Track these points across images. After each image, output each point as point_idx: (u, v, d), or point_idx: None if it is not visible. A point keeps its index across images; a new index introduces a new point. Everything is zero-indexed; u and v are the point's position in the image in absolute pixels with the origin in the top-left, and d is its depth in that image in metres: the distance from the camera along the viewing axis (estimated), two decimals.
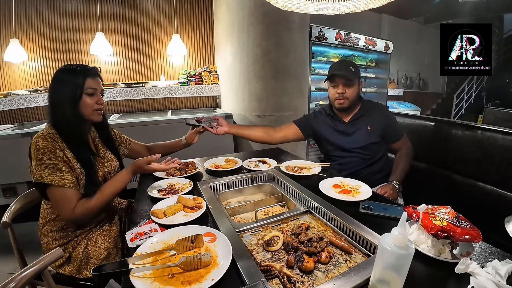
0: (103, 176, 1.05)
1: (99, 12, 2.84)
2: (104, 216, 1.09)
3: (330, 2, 1.06)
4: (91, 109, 0.99)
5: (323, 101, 4.21)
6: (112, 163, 1.13)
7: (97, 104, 1.01)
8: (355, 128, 1.46)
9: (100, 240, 1.01)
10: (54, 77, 0.97)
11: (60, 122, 0.95)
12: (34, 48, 2.71)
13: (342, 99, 1.42)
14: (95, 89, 1.00)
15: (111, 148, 1.18)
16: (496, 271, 0.58)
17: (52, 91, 0.97)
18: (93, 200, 0.93)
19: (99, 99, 1.01)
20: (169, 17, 3.16)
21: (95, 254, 0.98)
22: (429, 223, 0.67)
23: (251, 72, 2.55)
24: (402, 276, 0.52)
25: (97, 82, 1.01)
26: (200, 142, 1.49)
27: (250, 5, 2.40)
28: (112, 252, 1.01)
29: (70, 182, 0.89)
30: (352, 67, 1.41)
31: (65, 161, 0.91)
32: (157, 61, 3.21)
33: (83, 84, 0.96)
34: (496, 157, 1.17)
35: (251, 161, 1.46)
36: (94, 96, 1.00)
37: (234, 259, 0.66)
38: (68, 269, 0.96)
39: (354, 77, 1.40)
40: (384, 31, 5.49)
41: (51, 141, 0.90)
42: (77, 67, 0.99)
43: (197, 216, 0.88)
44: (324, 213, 0.93)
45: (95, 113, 1.01)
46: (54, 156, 0.89)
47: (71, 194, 0.89)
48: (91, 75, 0.99)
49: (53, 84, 0.97)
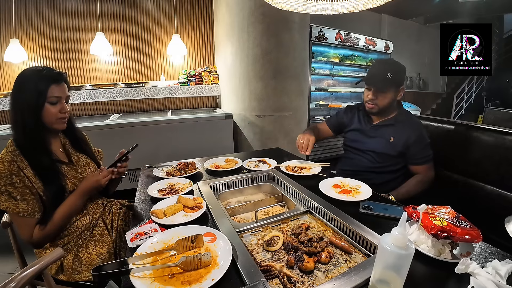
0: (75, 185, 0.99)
1: (99, 12, 2.84)
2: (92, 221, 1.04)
3: (328, 2, 1.06)
4: (54, 118, 0.92)
5: (323, 101, 4.21)
6: (87, 168, 1.07)
7: (61, 113, 0.93)
8: (378, 134, 1.39)
9: (92, 246, 0.98)
10: (16, 81, 0.90)
11: (20, 132, 0.90)
12: (34, 48, 2.71)
13: (372, 104, 1.36)
14: (59, 97, 0.92)
15: (85, 151, 1.12)
16: (496, 271, 0.58)
17: (13, 97, 0.90)
18: (47, 227, 0.90)
19: (63, 108, 0.94)
20: (169, 17, 3.16)
21: (88, 261, 0.95)
22: (429, 223, 0.67)
23: (251, 72, 2.55)
24: (402, 276, 0.52)
25: (61, 89, 0.93)
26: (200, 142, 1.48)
27: (250, 5, 2.40)
28: (106, 258, 0.98)
29: (25, 211, 0.86)
30: (390, 73, 1.29)
31: (21, 186, 0.86)
32: (157, 61, 3.21)
33: (46, 92, 0.89)
34: (496, 157, 1.17)
35: (251, 161, 1.46)
36: (58, 104, 0.92)
37: (234, 259, 0.66)
38: (64, 277, 0.94)
39: (390, 86, 1.30)
40: (384, 31, 5.50)
41: (8, 164, 0.85)
42: (42, 71, 0.91)
43: (197, 216, 0.88)
44: (324, 213, 0.93)
45: (59, 122, 0.95)
46: (10, 183, 0.84)
47: (26, 222, 0.87)
48: (55, 82, 0.91)
49: (14, 89, 0.90)
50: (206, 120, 2.74)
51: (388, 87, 1.30)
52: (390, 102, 1.34)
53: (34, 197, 0.89)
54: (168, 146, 2.57)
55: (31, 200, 0.88)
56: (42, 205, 0.91)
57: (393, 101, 1.35)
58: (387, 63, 1.42)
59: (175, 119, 2.64)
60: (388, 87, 1.30)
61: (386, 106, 1.35)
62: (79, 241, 0.99)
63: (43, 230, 0.89)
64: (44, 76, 0.90)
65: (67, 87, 0.97)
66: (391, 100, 1.34)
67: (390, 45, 4.59)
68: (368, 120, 1.46)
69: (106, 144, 1.48)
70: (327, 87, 4.16)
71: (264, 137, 2.67)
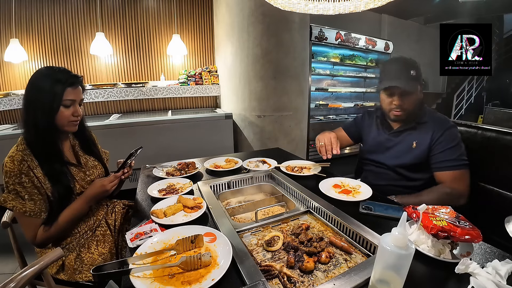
0: (83, 188, 0.99)
1: (99, 12, 2.84)
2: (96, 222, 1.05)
3: (330, 2, 1.06)
4: (66, 121, 0.93)
5: (323, 101, 4.22)
6: (95, 170, 1.08)
7: (73, 116, 0.94)
8: (398, 141, 1.23)
9: (94, 246, 0.99)
10: (31, 81, 0.90)
11: (32, 131, 0.90)
12: (34, 48, 2.71)
13: (400, 110, 1.18)
14: (73, 100, 0.93)
15: (93, 153, 1.12)
16: (496, 271, 0.58)
17: (27, 96, 0.90)
18: (51, 229, 0.90)
19: (76, 111, 0.94)
20: (169, 17, 3.16)
21: (89, 261, 0.95)
22: (429, 223, 0.67)
23: (251, 72, 2.55)
24: (402, 276, 0.52)
25: (76, 93, 0.94)
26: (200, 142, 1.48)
27: (250, 5, 2.40)
28: (107, 258, 0.98)
29: (31, 211, 0.86)
30: (413, 70, 1.14)
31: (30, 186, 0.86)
32: (157, 61, 3.21)
33: (62, 95, 0.89)
34: (496, 157, 1.17)
35: (251, 161, 1.46)
36: (71, 107, 0.93)
37: (234, 259, 0.66)
38: (64, 277, 0.95)
39: (415, 84, 1.15)
40: (384, 31, 5.50)
41: (18, 164, 0.85)
42: (58, 73, 0.91)
43: (197, 216, 0.88)
44: (324, 213, 0.93)
45: (70, 124, 0.95)
46: (19, 182, 0.85)
47: (32, 222, 0.88)
48: (71, 85, 0.91)
49: (29, 88, 0.89)
50: (206, 120, 2.74)
51: (415, 87, 1.15)
52: (417, 103, 1.19)
53: (42, 197, 0.89)
54: (168, 146, 2.57)
55: (38, 200, 0.88)
56: (48, 206, 0.91)
57: (420, 101, 1.20)
58: (404, 61, 1.21)
59: (175, 119, 2.65)
60: (415, 86, 1.15)
61: (414, 108, 1.19)
62: (82, 241, 0.99)
63: (47, 232, 0.89)
64: (60, 78, 0.90)
65: (81, 90, 0.98)
66: (418, 101, 1.19)
67: (390, 45, 4.59)
68: (387, 127, 1.30)
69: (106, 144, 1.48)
70: (327, 87, 4.17)
71: (264, 137, 2.67)
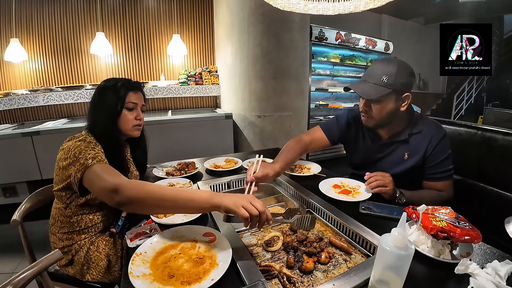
0: None
1: (99, 12, 2.84)
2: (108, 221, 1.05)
3: (330, 2, 1.06)
4: (130, 125, 1.01)
5: (323, 101, 4.22)
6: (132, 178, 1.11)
7: (136, 119, 1.02)
8: (388, 152, 1.14)
9: (102, 245, 0.99)
10: (97, 89, 0.99)
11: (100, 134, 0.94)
12: (34, 48, 2.71)
13: (366, 116, 1.09)
14: (136, 104, 1.01)
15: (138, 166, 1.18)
16: (496, 271, 0.58)
17: (94, 103, 0.99)
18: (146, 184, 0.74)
19: (138, 114, 1.02)
20: (169, 17, 3.16)
21: (96, 260, 0.96)
22: (428, 223, 0.67)
23: (251, 72, 2.55)
24: (401, 276, 0.52)
25: (138, 97, 1.02)
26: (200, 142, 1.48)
27: (250, 5, 2.40)
28: (112, 259, 0.98)
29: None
30: (386, 76, 0.98)
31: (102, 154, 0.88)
32: (157, 61, 3.21)
33: (124, 98, 0.97)
34: (496, 157, 1.17)
35: (251, 161, 1.46)
36: (134, 111, 1.01)
37: (234, 259, 0.66)
38: (71, 271, 0.96)
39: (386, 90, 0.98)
40: (384, 31, 5.50)
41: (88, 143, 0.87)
42: (121, 80, 1.01)
43: (197, 216, 0.88)
44: (324, 213, 0.93)
45: (134, 129, 1.03)
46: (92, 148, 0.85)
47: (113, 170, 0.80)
48: (133, 89, 1.00)
49: (96, 96, 0.98)
50: (206, 120, 2.74)
51: (382, 94, 0.98)
52: (390, 114, 1.04)
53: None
54: (168, 146, 2.57)
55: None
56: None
57: (396, 111, 1.03)
58: (384, 63, 1.06)
59: (175, 119, 2.65)
60: (381, 93, 0.98)
61: (386, 118, 1.05)
62: (93, 238, 1.00)
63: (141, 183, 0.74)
64: (123, 83, 0.99)
65: (143, 96, 1.05)
66: (392, 111, 1.03)
67: (390, 46, 4.59)
68: (375, 137, 1.18)
69: None
70: (327, 87, 4.17)
71: (264, 137, 2.67)
